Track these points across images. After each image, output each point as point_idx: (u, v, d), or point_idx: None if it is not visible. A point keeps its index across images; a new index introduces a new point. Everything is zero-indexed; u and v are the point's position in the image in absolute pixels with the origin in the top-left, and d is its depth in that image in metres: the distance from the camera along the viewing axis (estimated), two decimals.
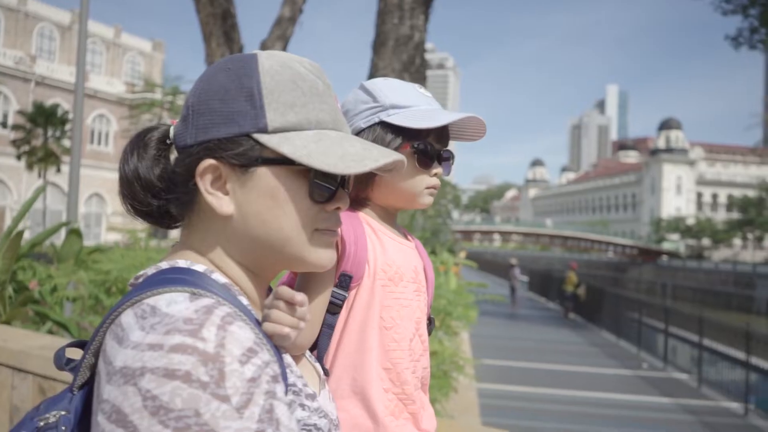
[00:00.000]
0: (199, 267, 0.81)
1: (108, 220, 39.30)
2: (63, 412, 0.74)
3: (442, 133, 1.22)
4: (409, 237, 1.31)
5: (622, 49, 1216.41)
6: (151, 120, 31.31)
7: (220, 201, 0.80)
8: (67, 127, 32.51)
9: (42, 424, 0.73)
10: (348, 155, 0.80)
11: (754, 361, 8.97)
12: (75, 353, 0.77)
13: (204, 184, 0.80)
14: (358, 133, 1.19)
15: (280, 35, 8.73)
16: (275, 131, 0.80)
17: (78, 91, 6.18)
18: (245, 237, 0.83)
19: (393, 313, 1.14)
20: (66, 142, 32.33)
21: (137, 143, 0.87)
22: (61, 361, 0.79)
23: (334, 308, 1.11)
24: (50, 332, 4.03)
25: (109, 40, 44.08)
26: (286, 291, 0.81)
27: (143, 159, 0.86)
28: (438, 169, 1.22)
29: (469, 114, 1.18)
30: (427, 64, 7.95)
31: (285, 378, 0.76)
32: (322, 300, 1.07)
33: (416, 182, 1.21)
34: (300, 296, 0.81)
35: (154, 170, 0.86)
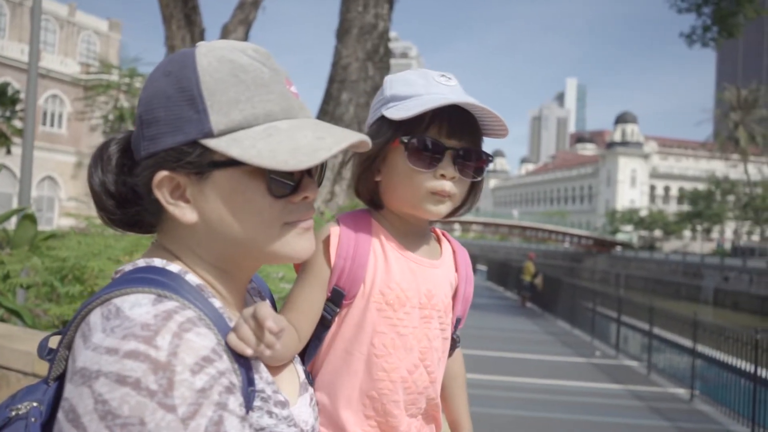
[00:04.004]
0: (174, 267, 0.80)
1: (61, 204, 38.10)
2: (35, 404, 0.74)
3: (453, 127, 1.00)
4: (444, 251, 1.13)
5: (582, 42, 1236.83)
6: (107, 102, 30.38)
7: (182, 210, 0.79)
8: (18, 107, 31.34)
9: (13, 414, 0.73)
10: (299, 149, 0.76)
11: (700, 348, 9.31)
12: (57, 342, 0.77)
13: (163, 195, 0.79)
14: (369, 130, 1.07)
15: (243, 19, 8.58)
16: (221, 133, 0.77)
17: (32, 70, 5.97)
18: (214, 240, 0.82)
19: (386, 341, 1.01)
20: (17, 123, 31.17)
21: (99, 157, 0.86)
22: (43, 352, 0.79)
23: (324, 321, 1.01)
24: (2, 320, 3.92)
25: (63, 18, 42.44)
26: (262, 312, 0.75)
27: (108, 172, 0.85)
28: (445, 170, 1.00)
29: (460, 100, 0.97)
30: (391, 53, 7.93)
31: (252, 384, 0.76)
32: (313, 312, 0.99)
33: (414, 185, 1.00)
34: (271, 323, 0.74)
35: (121, 182, 0.85)
